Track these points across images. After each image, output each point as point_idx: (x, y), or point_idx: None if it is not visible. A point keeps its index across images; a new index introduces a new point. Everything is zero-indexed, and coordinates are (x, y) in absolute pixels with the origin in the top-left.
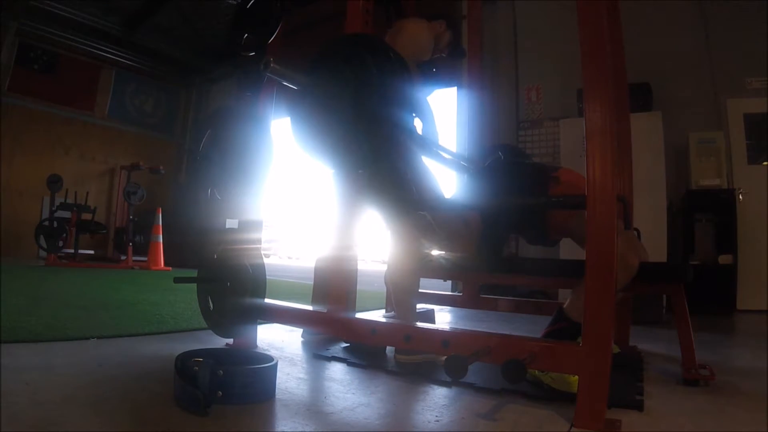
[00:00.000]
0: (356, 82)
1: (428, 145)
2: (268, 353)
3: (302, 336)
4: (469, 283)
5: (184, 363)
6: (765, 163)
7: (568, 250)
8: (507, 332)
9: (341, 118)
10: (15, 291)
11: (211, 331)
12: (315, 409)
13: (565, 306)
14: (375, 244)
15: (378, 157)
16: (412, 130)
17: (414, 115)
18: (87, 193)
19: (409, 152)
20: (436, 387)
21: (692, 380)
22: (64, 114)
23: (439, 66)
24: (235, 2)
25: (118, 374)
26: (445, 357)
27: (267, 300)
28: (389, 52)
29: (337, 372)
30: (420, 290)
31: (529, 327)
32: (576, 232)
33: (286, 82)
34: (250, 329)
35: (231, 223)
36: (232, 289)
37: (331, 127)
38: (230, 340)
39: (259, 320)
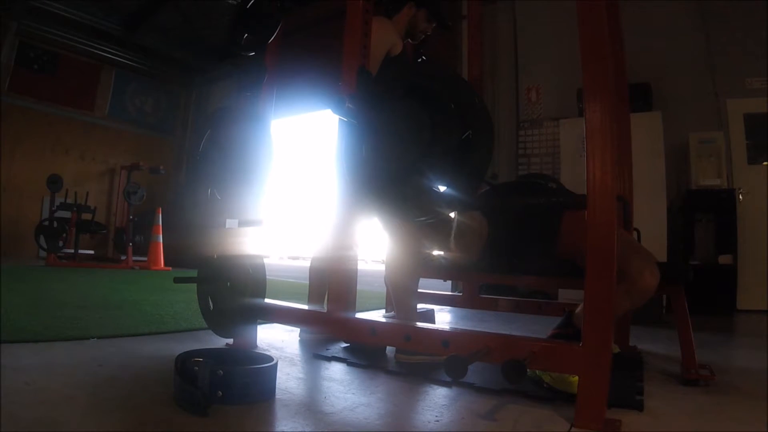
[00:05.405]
0: (433, 128)
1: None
2: (268, 353)
3: (300, 335)
4: (469, 283)
5: (184, 363)
6: (765, 163)
7: None
8: (507, 332)
9: (411, 162)
10: (15, 291)
11: (211, 331)
12: (315, 409)
13: (576, 311)
14: (375, 244)
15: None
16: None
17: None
18: (87, 193)
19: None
20: (436, 387)
21: (692, 380)
22: (64, 114)
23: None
24: (235, 2)
25: (118, 374)
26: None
27: (267, 300)
28: (474, 99)
29: (337, 372)
30: (420, 290)
31: (530, 327)
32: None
33: (357, 121)
34: (250, 329)
35: (231, 223)
36: (232, 289)
37: (397, 168)
38: (230, 340)
39: (259, 320)
